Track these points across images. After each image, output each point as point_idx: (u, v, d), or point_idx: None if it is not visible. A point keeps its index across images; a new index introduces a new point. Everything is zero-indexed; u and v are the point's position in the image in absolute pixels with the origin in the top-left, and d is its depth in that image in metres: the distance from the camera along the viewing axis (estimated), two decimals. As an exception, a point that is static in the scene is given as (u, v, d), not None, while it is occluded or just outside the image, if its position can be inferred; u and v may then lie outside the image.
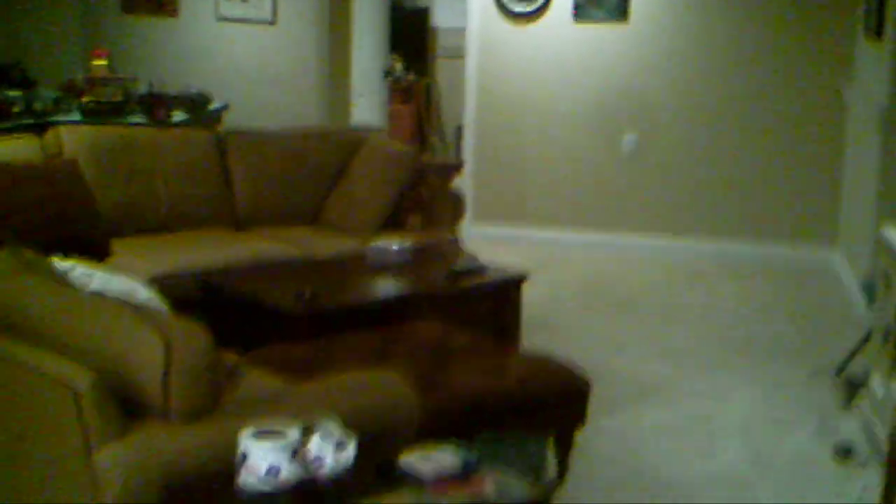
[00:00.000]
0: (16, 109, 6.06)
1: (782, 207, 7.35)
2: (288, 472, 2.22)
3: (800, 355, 5.38)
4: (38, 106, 6.17)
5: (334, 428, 2.39)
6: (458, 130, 9.17)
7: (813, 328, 5.92)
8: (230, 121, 7.27)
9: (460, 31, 8.14)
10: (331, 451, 2.31)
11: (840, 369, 4.96)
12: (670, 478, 3.91)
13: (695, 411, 4.59)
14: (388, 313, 4.32)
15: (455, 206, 5.83)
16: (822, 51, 7.14)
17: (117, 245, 4.85)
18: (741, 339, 5.67)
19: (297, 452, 2.28)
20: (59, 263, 2.97)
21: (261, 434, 2.29)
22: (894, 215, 4.91)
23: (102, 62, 6.76)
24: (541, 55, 7.61)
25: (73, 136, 5.17)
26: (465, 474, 2.47)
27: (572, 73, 7.57)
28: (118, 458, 2.35)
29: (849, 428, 4.38)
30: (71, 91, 6.57)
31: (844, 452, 4.10)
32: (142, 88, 6.74)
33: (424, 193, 5.72)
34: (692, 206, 7.50)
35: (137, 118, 6.35)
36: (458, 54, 8.39)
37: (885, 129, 5.74)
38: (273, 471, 2.21)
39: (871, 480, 3.81)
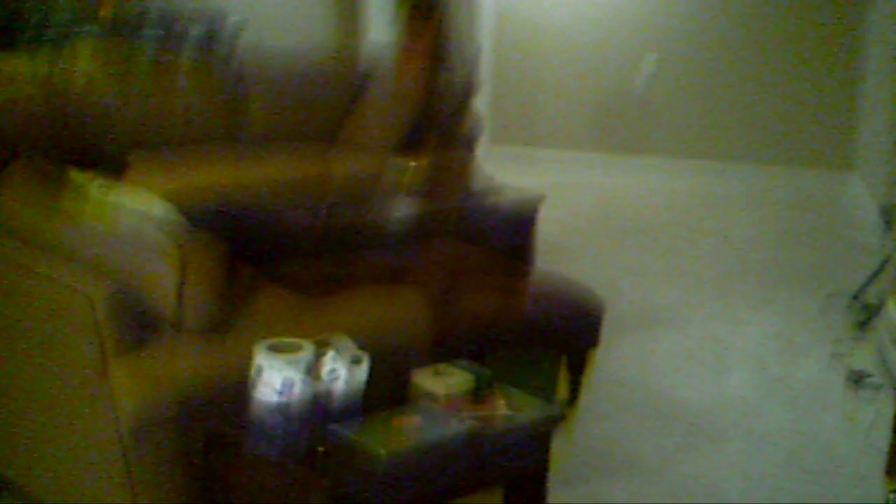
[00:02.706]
0: (33, 21, 6.01)
1: (799, 131, 7.29)
2: (302, 386, 2.24)
3: (815, 281, 5.37)
4: (56, 18, 6.12)
5: (349, 344, 2.41)
6: (477, 49, 9.09)
7: (829, 254, 5.90)
8: (248, 37, 7.21)
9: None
10: (345, 367, 2.33)
11: (856, 295, 4.95)
12: (682, 400, 3.93)
13: (708, 334, 4.60)
14: (404, 232, 4.32)
15: (473, 125, 5.79)
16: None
17: (134, 159, 4.84)
18: (756, 264, 5.66)
19: (311, 368, 2.30)
20: (77, 176, 2.97)
21: (275, 349, 2.30)
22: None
23: (120, -25, 6.69)
24: (562, -27, 7.52)
25: (90, 49, 5.14)
26: (477, 392, 2.49)
27: (594, -7, 7.48)
28: (134, 370, 2.37)
29: (863, 354, 4.38)
30: (89, 4, 6.50)
31: (858, 378, 4.11)
32: (159, 3, 6.67)
33: (443, 112, 5.68)
34: (710, 129, 7.45)
35: (155, 32, 6.29)
36: (478, -29, 8.28)
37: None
38: (287, 385, 2.23)
39: (884, 406, 3.82)
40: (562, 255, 5.58)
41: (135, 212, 2.67)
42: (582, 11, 7.51)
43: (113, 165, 4.65)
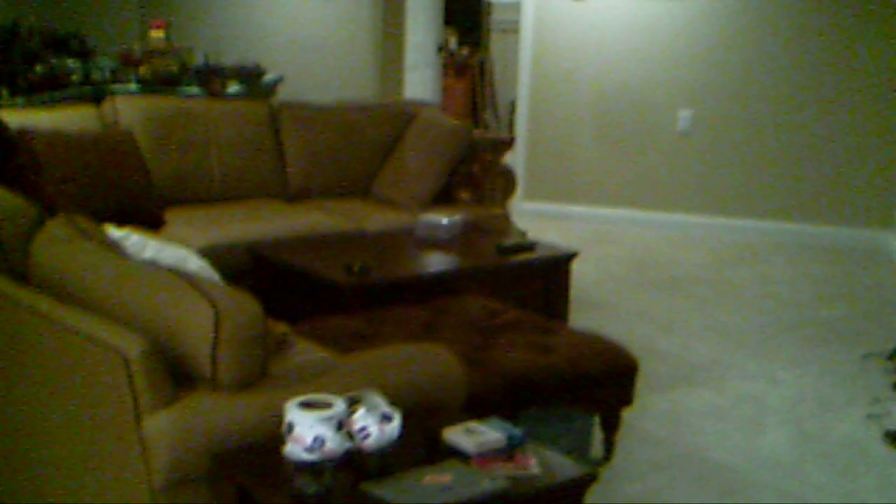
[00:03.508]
0: (74, 78, 6.12)
1: (838, 188, 7.27)
2: (333, 443, 2.24)
3: (852, 338, 5.33)
4: (95, 76, 6.23)
5: (380, 401, 2.41)
6: (511, 106, 9.15)
7: (866, 310, 5.85)
8: (284, 93, 7.30)
9: (515, 5, 8.11)
10: (376, 424, 2.33)
11: (893, 353, 4.90)
12: (718, 459, 3.89)
13: (744, 392, 4.56)
14: (437, 288, 4.33)
15: (506, 181, 5.82)
16: (883, 31, 7.03)
17: (170, 215, 4.90)
18: (793, 320, 5.62)
19: (342, 424, 2.30)
20: (114, 231, 3.00)
21: (307, 405, 2.31)
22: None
23: (160, 33, 6.82)
24: (596, 30, 7.56)
25: (129, 107, 5.22)
26: (509, 450, 2.48)
27: (628, 49, 7.52)
28: (167, 426, 2.38)
29: (900, 413, 4.33)
30: (128, 61, 6.62)
31: (894, 438, 4.06)
32: (198, 60, 6.79)
33: (476, 169, 5.71)
34: (745, 186, 7.44)
35: (193, 90, 6.39)
36: (513, 28, 8.36)
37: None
38: (318, 441, 2.23)
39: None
40: (596, 310, 5.56)
41: (171, 267, 2.70)
42: (617, 69, 7.56)
43: (150, 220, 4.70)
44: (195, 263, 3.01)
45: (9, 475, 2.96)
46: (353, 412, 2.33)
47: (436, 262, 4.72)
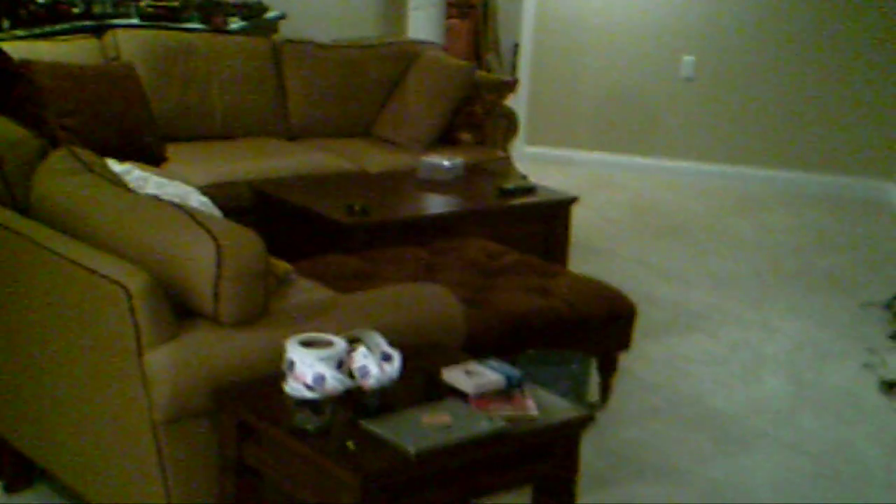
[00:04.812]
0: (75, 11, 6.06)
1: (840, 137, 7.24)
2: (334, 381, 2.25)
3: (851, 287, 5.34)
4: (96, 9, 6.16)
5: (380, 340, 2.42)
6: (515, 48, 9.08)
7: (865, 260, 5.86)
8: (287, 30, 7.24)
9: (521, -54, 8.02)
10: (376, 364, 2.34)
11: (889, 304, 4.92)
12: (713, 406, 3.92)
13: (741, 340, 4.59)
14: (438, 229, 4.33)
15: (508, 123, 5.79)
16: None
17: (171, 151, 4.88)
18: (791, 269, 5.64)
19: (343, 362, 2.31)
20: (116, 165, 3.00)
21: (308, 343, 2.32)
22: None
23: (161, -34, 6.74)
24: (602, -27, 7.50)
25: (130, 40, 5.18)
26: (507, 391, 2.49)
27: (633, -7, 7.46)
28: (168, 360, 2.39)
29: (896, 363, 4.36)
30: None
31: (891, 385, 4.09)
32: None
33: (478, 110, 5.68)
34: (747, 133, 7.41)
35: (195, 24, 6.33)
36: (518, -31, 8.27)
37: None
38: (319, 379, 2.24)
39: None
40: (595, 255, 5.57)
41: (173, 202, 2.69)
42: (621, 14, 7.50)
43: (152, 156, 4.69)
44: (197, 200, 3.00)
45: (12, 410, 2.98)
46: (353, 351, 2.35)
47: (437, 203, 4.72)
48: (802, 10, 7.17)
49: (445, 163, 4.90)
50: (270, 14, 7.07)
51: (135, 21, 6.18)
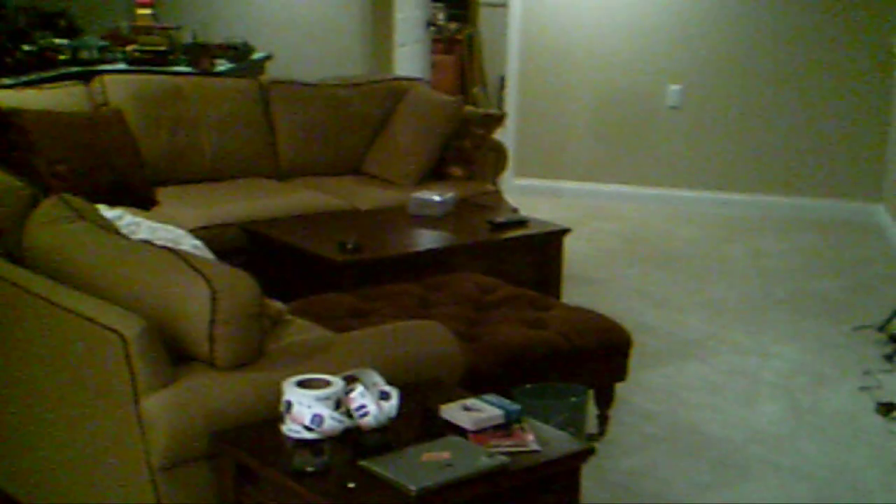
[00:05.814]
0: (62, 58, 6.09)
1: (827, 161, 7.27)
2: (332, 421, 2.25)
3: (843, 310, 5.35)
4: (84, 55, 6.20)
5: (377, 379, 2.42)
6: (501, 81, 9.13)
7: (857, 283, 5.87)
8: (273, 70, 7.27)
9: (504, -19, 8.08)
10: (374, 402, 2.33)
11: (882, 327, 4.93)
12: (711, 433, 3.91)
13: (737, 366, 4.58)
14: (431, 264, 4.34)
15: (497, 157, 5.81)
16: (872, 4, 7.02)
17: (162, 194, 4.89)
18: (784, 293, 5.64)
19: (340, 402, 2.31)
20: (107, 211, 3.00)
21: (305, 383, 2.31)
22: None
23: (147, 11, 6.78)
24: (585, 4, 7.53)
25: (118, 85, 5.19)
26: (506, 425, 2.49)
27: (617, 24, 7.49)
28: (165, 406, 2.38)
29: (892, 384, 4.35)
30: (116, 40, 6.59)
31: (887, 410, 4.08)
32: (186, 38, 6.75)
33: (467, 144, 5.70)
34: (735, 160, 7.44)
35: (182, 67, 6.36)
36: (501, 3, 8.33)
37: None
38: (317, 420, 2.24)
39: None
40: (588, 286, 5.57)
41: (165, 247, 2.69)
42: (606, 45, 7.53)
43: (141, 201, 4.69)
44: (189, 244, 3.00)
45: (8, 457, 2.96)
46: (350, 391, 2.34)
47: (429, 238, 4.72)
48: (787, 39, 7.22)
49: (436, 198, 4.91)
50: (257, 55, 7.11)
51: (122, 66, 6.21)
